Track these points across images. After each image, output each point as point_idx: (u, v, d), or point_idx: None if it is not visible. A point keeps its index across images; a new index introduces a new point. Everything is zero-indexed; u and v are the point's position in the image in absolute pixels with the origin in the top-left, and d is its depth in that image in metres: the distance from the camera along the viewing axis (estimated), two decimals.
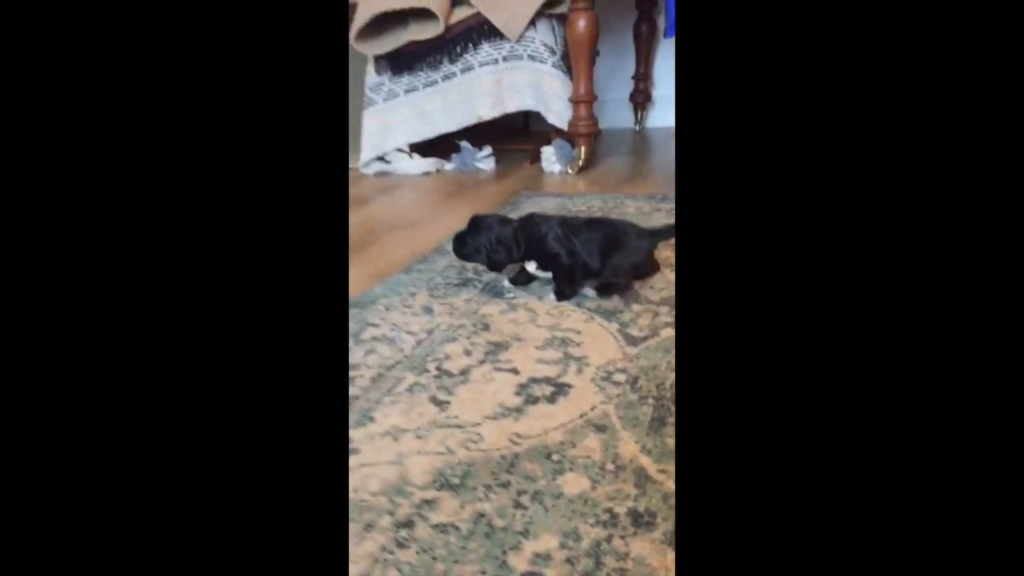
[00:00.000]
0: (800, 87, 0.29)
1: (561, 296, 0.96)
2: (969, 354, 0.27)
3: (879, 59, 0.28)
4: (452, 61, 1.95)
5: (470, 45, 1.92)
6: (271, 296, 0.33)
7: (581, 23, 1.75)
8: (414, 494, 0.55)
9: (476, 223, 0.99)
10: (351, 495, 0.56)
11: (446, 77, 1.98)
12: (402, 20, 1.91)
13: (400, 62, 1.99)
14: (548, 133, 2.08)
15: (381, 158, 2.09)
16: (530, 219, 0.99)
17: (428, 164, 2.08)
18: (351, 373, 0.77)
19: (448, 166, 2.12)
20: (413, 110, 2.03)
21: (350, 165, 2.12)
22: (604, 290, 0.97)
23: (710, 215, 0.30)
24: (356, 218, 1.57)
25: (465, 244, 1.00)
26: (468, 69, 1.95)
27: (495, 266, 0.99)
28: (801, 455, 0.28)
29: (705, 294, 0.30)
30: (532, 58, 1.89)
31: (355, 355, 0.82)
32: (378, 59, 2.01)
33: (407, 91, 2.02)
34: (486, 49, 1.92)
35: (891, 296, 0.28)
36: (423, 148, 2.12)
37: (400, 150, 2.08)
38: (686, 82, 0.31)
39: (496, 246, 0.96)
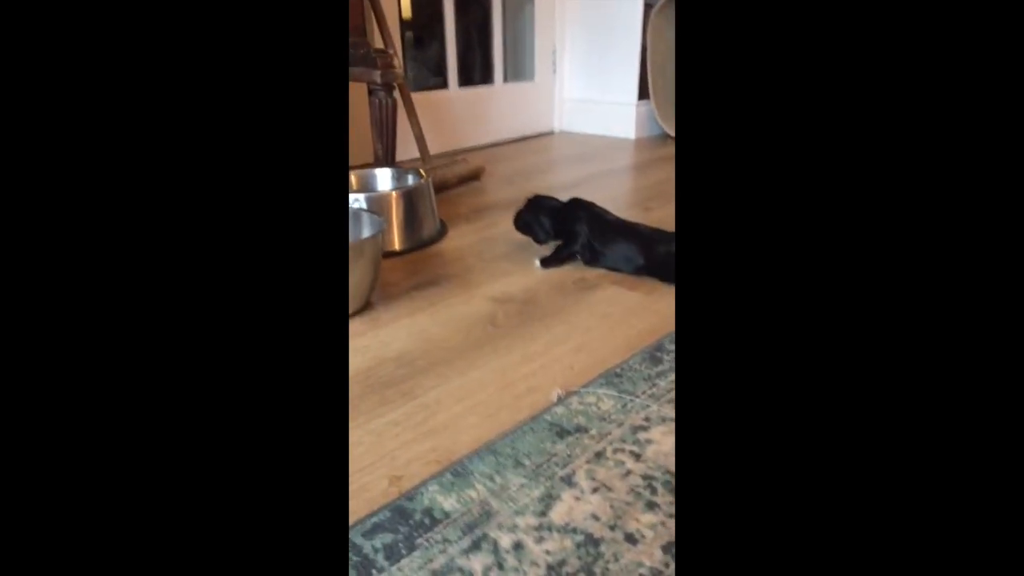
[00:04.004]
0: (798, 91, 0.29)
1: (546, 263, 1.01)
2: (970, 367, 0.26)
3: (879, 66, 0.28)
4: None
5: None
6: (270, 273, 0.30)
7: None
8: None
9: (531, 201, 1.05)
10: None
11: None
12: None
13: None
14: None
15: None
16: (574, 203, 1.03)
17: None
18: None
19: None
20: None
21: (666, 132, 2.14)
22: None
23: (711, 218, 0.30)
24: None
25: (520, 218, 1.05)
26: None
27: (537, 240, 1.05)
28: (803, 460, 0.28)
29: (704, 301, 0.30)
30: None
31: None
32: None
33: None
34: None
35: (891, 310, 0.27)
36: None
37: None
38: (687, 85, 0.31)
39: (538, 222, 1.03)
